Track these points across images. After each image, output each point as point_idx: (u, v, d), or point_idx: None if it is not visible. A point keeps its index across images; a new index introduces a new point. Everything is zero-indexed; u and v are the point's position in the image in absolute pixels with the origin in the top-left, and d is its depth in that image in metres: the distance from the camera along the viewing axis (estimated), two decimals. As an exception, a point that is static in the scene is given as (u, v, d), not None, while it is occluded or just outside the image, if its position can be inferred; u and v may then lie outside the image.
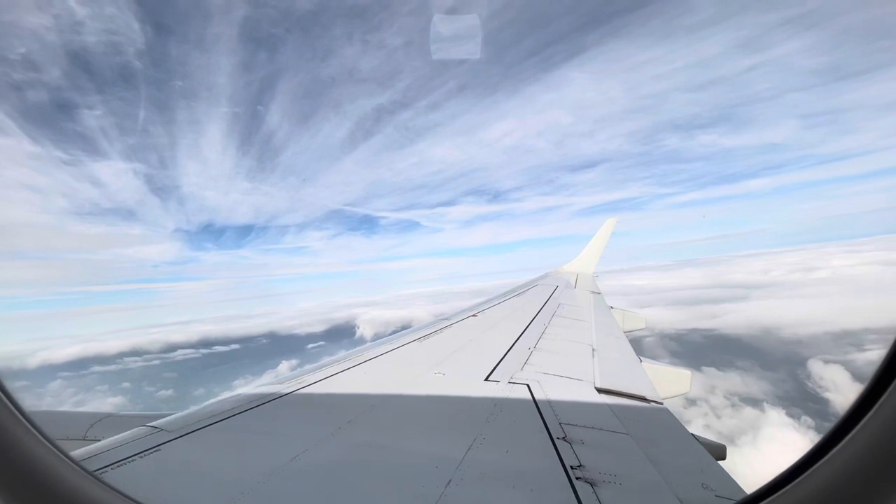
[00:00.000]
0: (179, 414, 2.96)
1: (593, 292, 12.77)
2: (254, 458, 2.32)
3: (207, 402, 3.20)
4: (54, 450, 0.87)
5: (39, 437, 0.86)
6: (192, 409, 3.06)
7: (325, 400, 3.43)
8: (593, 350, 5.51)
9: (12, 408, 0.84)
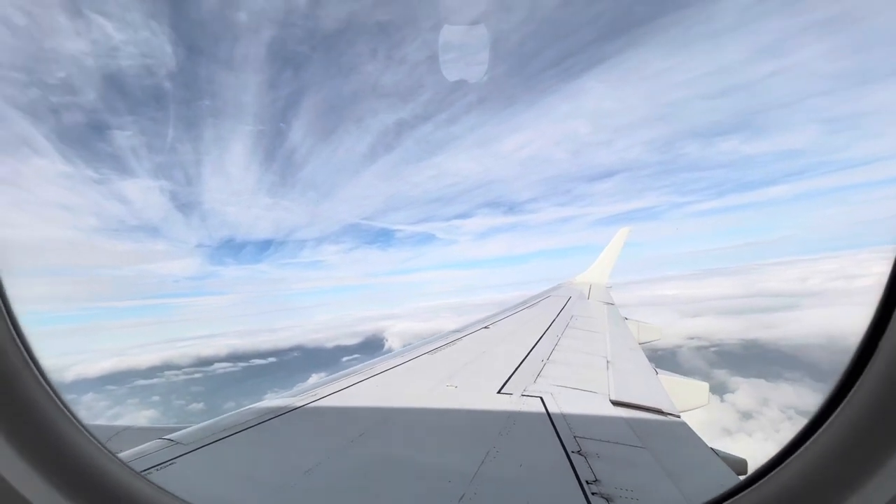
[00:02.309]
0: (195, 427, 2.99)
1: (607, 303, 12.61)
2: (267, 471, 2.33)
3: (223, 415, 3.23)
4: (105, 450, 0.96)
5: (93, 439, 0.96)
6: (208, 421, 3.09)
7: (337, 412, 3.43)
8: (608, 362, 5.42)
9: (68, 413, 0.93)
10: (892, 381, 0.71)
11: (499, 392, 3.92)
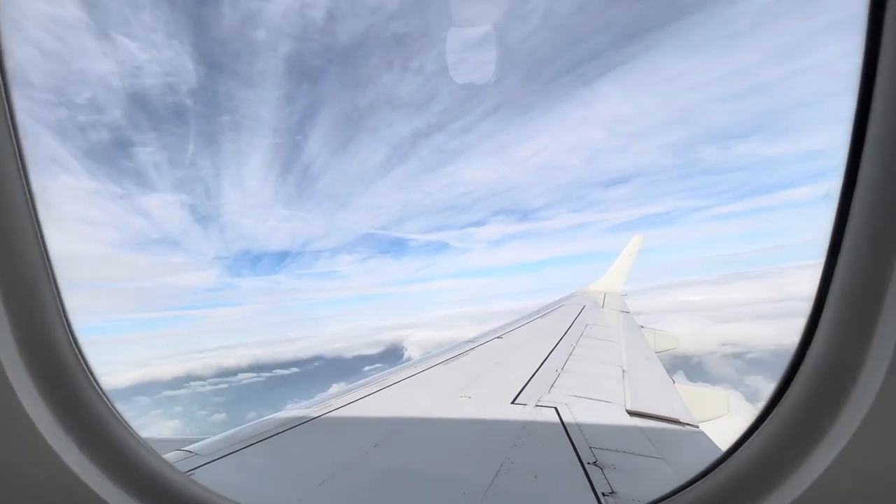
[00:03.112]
0: (213, 438, 3.04)
1: (622, 311, 12.44)
2: (282, 482, 2.36)
3: (241, 427, 3.28)
4: (155, 453, 1.07)
5: (144, 443, 1.07)
6: (227, 433, 3.14)
7: (352, 423, 3.45)
8: (623, 371, 5.35)
9: (123, 420, 1.05)
10: (816, 387, 0.85)
11: (513, 402, 3.90)
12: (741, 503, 0.89)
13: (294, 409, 3.72)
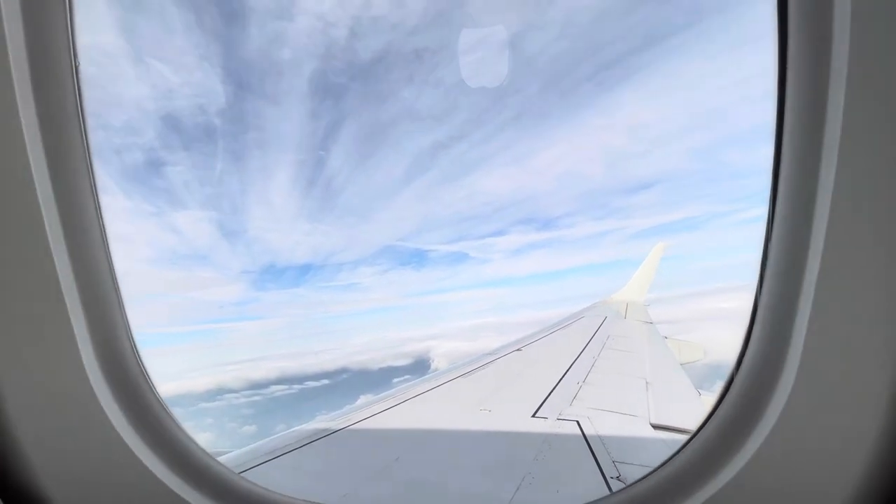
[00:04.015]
0: (239, 451, 3.12)
1: (645, 322, 12.18)
2: (306, 495, 2.41)
3: (267, 439, 3.36)
4: (209, 454, 1.22)
5: (198, 445, 1.21)
6: (252, 445, 3.22)
7: (375, 435, 3.49)
8: (647, 383, 5.24)
9: (174, 418, 1.16)
10: (745, 393, 0.96)
11: (534, 416, 3.87)
12: (679, 495, 1.00)
13: (320, 422, 3.79)
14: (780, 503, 0.90)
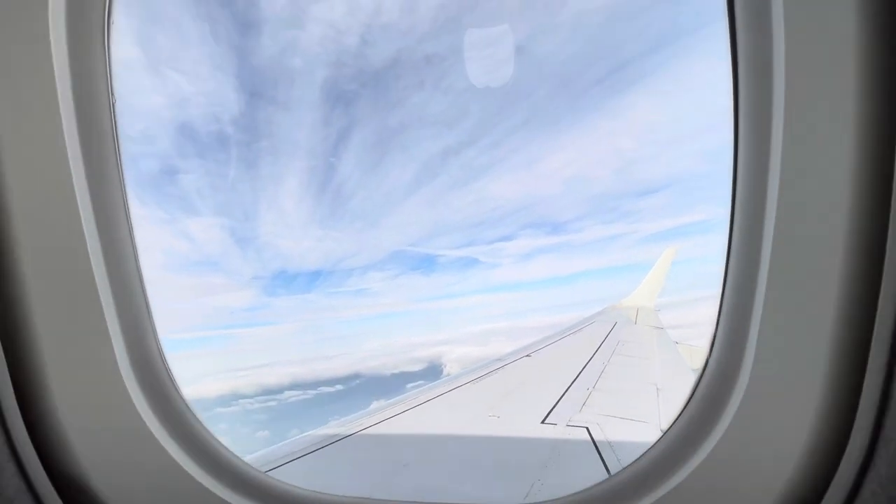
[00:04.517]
0: (251, 456, 3.17)
1: (655, 327, 12.08)
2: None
3: (278, 444, 3.41)
4: (236, 455, 1.28)
5: (224, 446, 1.28)
6: (264, 451, 3.27)
7: (384, 441, 3.52)
8: (658, 389, 5.21)
9: (197, 416, 1.25)
10: (707, 392, 1.04)
11: (543, 422, 3.87)
12: (640, 493, 1.08)
13: (333, 427, 3.83)
14: (730, 499, 0.97)
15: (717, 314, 1.03)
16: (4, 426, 0.93)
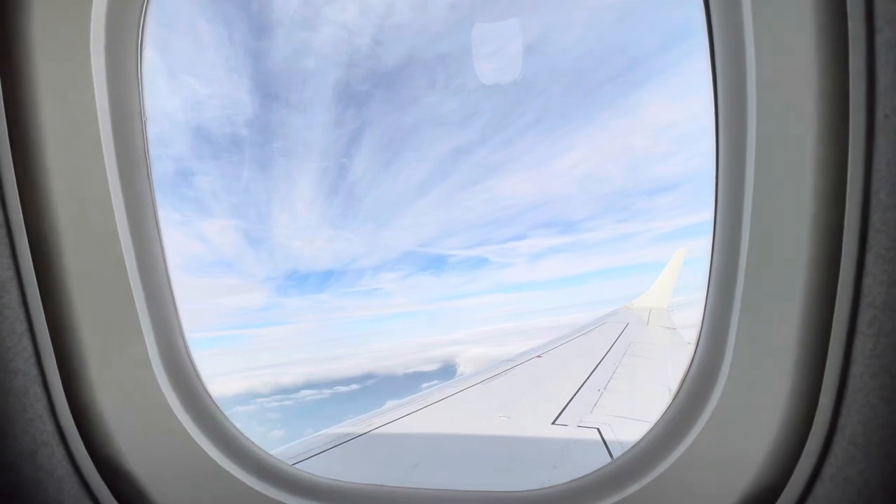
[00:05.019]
0: (272, 451, 3.23)
1: (668, 328, 11.95)
2: None
3: (291, 444, 3.47)
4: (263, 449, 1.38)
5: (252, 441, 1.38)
6: (278, 449, 3.34)
7: (395, 440, 3.56)
8: (670, 391, 5.17)
9: (222, 411, 1.34)
10: (691, 385, 1.11)
11: (553, 423, 3.88)
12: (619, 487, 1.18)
13: (345, 426, 3.89)
14: (709, 485, 1.04)
15: (701, 313, 1.10)
16: (54, 414, 1.02)
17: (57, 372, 1.03)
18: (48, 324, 1.01)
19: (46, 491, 1.00)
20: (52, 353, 1.02)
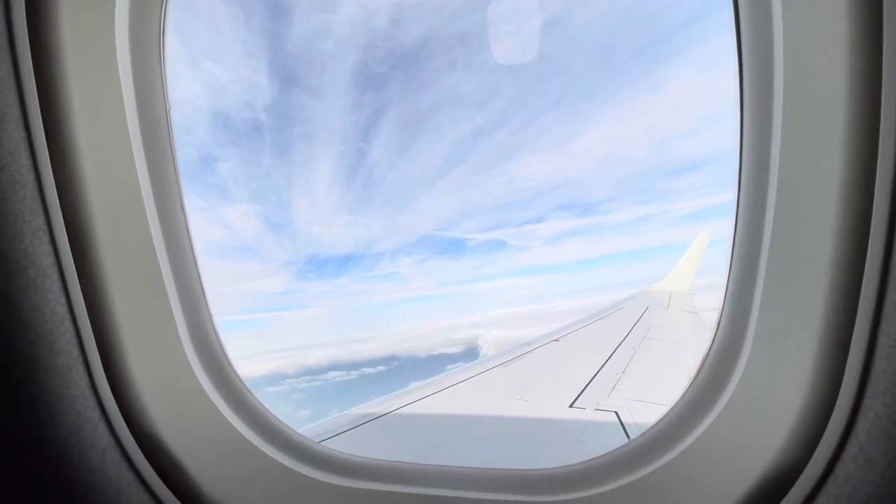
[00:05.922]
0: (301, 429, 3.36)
1: (689, 312, 11.76)
2: None
3: (314, 423, 3.59)
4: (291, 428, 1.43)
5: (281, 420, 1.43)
6: (301, 429, 3.46)
7: (415, 421, 3.65)
8: (690, 374, 5.12)
9: (252, 393, 1.39)
10: (711, 368, 1.12)
11: (571, 406, 3.90)
12: (649, 461, 1.18)
13: (368, 406, 4.00)
14: (730, 463, 1.04)
15: (722, 296, 1.10)
16: (95, 392, 1.09)
17: (97, 352, 1.09)
18: (87, 306, 1.07)
19: (92, 461, 1.07)
20: (92, 335, 1.08)
